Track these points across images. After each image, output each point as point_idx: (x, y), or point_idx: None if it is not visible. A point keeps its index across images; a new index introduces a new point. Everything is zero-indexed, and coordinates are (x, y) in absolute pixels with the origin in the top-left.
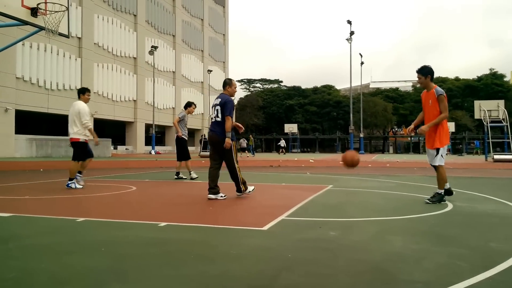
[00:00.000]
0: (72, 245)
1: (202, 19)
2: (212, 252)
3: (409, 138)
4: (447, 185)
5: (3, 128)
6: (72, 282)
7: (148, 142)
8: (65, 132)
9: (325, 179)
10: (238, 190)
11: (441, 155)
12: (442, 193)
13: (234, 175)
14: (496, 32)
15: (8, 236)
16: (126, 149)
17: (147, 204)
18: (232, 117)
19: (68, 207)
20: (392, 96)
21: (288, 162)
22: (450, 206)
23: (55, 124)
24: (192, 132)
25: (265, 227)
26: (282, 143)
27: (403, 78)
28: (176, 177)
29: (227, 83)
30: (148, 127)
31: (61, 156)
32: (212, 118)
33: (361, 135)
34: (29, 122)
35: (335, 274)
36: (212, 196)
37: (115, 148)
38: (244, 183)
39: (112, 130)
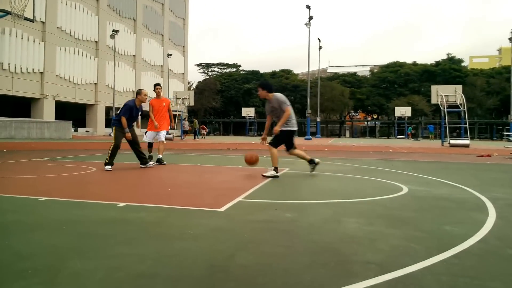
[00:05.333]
0: (35, 224)
1: (162, 4)
2: (169, 232)
3: (365, 123)
4: None
5: None
6: (35, 258)
7: (108, 124)
8: (28, 114)
9: (281, 162)
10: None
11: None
12: None
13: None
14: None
15: None
16: (86, 131)
17: (107, 185)
18: (126, 117)
19: (30, 186)
20: (350, 80)
21: (245, 146)
22: (405, 190)
23: (18, 106)
24: None
25: (222, 208)
26: (186, 124)
27: (361, 62)
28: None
29: (138, 92)
30: (108, 109)
31: (23, 137)
32: None
33: (318, 119)
34: None
35: (290, 254)
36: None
37: (76, 130)
38: (109, 158)
39: (73, 112)
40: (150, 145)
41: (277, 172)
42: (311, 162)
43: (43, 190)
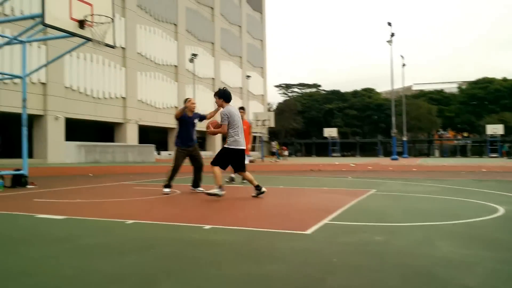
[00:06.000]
0: (123, 246)
1: (240, 26)
2: (256, 254)
3: (455, 141)
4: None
5: (54, 135)
6: (125, 280)
7: None
8: (111, 139)
9: (367, 183)
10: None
11: None
12: None
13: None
14: None
15: (64, 237)
16: (169, 154)
17: (192, 207)
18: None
19: (117, 210)
20: (437, 98)
21: (328, 167)
22: (501, 211)
23: (102, 131)
24: None
25: (309, 231)
26: (273, 148)
27: (448, 79)
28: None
29: (184, 101)
30: None
31: (108, 161)
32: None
33: (404, 139)
34: (78, 129)
35: (382, 279)
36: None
37: (159, 153)
38: (169, 180)
39: (155, 136)
40: None
41: (221, 191)
42: (258, 188)
43: (129, 213)
